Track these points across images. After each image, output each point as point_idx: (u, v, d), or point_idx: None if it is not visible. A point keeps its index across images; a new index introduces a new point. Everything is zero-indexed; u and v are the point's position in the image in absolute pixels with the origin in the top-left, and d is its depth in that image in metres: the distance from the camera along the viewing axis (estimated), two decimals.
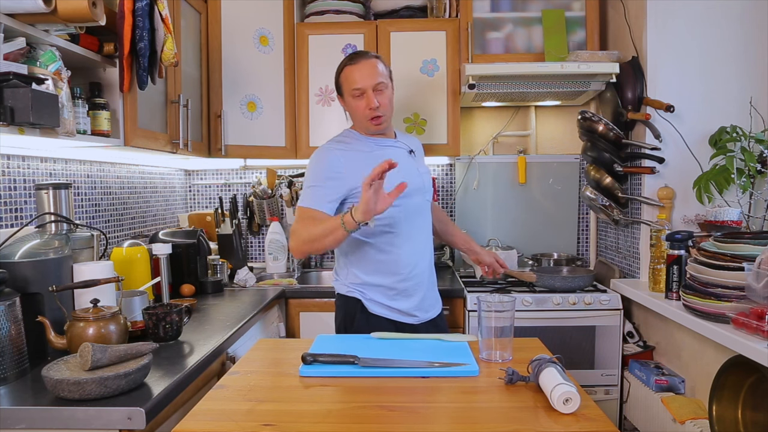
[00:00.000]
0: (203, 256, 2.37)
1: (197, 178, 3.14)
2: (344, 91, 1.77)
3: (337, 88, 1.81)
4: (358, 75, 1.72)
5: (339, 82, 1.78)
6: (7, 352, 1.28)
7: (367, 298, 1.78)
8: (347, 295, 1.80)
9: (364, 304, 1.78)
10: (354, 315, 1.78)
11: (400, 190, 1.46)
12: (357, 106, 1.74)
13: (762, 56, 2.25)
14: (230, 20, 2.57)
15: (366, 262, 1.77)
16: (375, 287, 1.77)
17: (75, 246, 1.63)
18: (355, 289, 1.79)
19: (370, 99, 1.72)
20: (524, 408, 1.10)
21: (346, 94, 1.77)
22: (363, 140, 1.80)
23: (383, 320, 1.77)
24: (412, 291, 1.79)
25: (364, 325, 1.74)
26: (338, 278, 1.85)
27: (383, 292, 1.77)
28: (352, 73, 1.73)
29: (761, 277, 1.48)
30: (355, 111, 1.76)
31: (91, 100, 1.72)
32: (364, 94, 1.73)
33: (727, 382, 1.66)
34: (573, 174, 2.98)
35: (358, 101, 1.74)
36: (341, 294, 1.83)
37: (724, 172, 2.07)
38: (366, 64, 1.74)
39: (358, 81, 1.72)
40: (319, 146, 1.81)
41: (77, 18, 1.45)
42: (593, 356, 2.35)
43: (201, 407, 1.12)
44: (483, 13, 2.66)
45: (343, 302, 1.83)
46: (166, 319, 1.59)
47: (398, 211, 1.72)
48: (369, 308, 1.77)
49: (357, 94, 1.73)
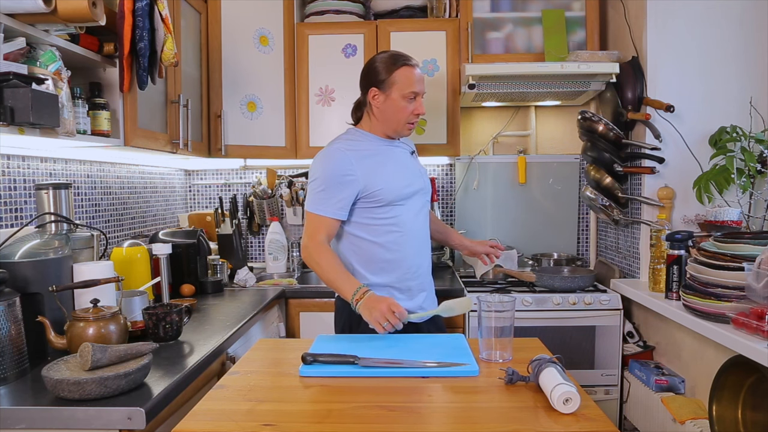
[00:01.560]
0: (203, 256, 2.37)
1: (197, 178, 3.14)
2: (395, 89, 1.70)
3: (382, 83, 1.71)
4: (416, 79, 1.71)
5: (392, 78, 1.69)
6: (7, 352, 1.28)
7: None
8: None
9: None
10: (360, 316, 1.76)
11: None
12: (404, 107, 1.71)
13: (762, 56, 2.25)
14: (230, 20, 2.57)
15: (373, 262, 1.74)
16: (382, 287, 1.74)
17: (75, 246, 1.63)
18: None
19: (419, 105, 1.72)
20: (524, 408, 1.10)
21: (395, 93, 1.70)
22: (372, 140, 1.78)
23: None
24: (416, 290, 1.79)
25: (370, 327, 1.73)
26: None
27: (389, 292, 1.74)
28: (412, 74, 1.70)
29: (761, 277, 1.48)
30: (398, 112, 1.72)
31: (91, 100, 1.72)
32: (415, 99, 1.72)
33: (727, 382, 1.66)
34: (573, 174, 2.98)
35: (408, 103, 1.71)
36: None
37: (724, 172, 2.07)
38: (419, 70, 1.74)
39: (415, 85, 1.70)
40: (326, 146, 1.76)
41: (77, 18, 1.45)
42: (593, 356, 2.35)
43: (201, 407, 1.12)
44: (483, 13, 2.66)
45: (346, 303, 1.79)
46: (166, 319, 1.59)
47: (404, 210, 1.73)
48: None
49: (411, 96, 1.71)
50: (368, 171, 1.67)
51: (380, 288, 1.74)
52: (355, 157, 1.69)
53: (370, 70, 1.75)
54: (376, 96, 1.73)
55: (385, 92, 1.71)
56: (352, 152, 1.71)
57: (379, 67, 1.72)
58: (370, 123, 1.79)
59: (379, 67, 1.72)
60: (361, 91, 1.79)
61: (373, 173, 1.69)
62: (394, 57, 1.72)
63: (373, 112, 1.75)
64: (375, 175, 1.69)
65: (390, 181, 1.71)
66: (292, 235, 3.09)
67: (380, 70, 1.71)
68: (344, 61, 2.72)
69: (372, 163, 1.70)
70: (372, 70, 1.73)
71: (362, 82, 1.78)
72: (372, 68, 1.74)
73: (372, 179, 1.68)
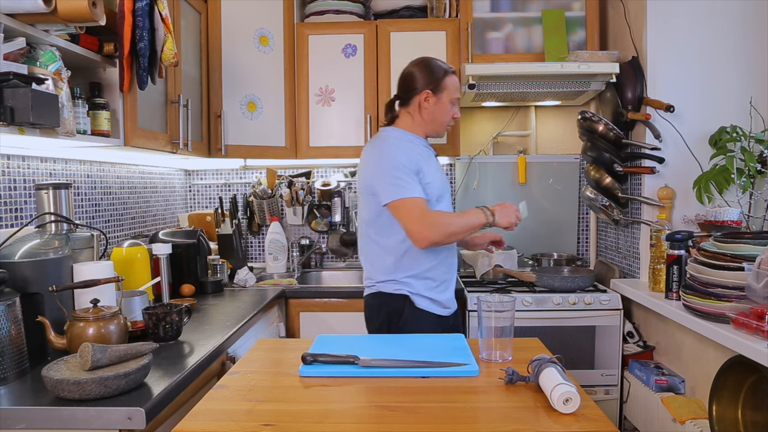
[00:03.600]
0: (203, 256, 2.37)
1: (197, 178, 3.14)
2: (445, 93, 1.85)
3: (437, 86, 1.85)
4: (459, 86, 1.93)
5: (444, 84, 1.85)
6: (7, 352, 1.28)
7: (415, 293, 1.81)
8: (394, 293, 1.81)
9: (411, 300, 1.80)
10: (401, 312, 1.80)
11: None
12: (448, 111, 1.88)
13: (762, 56, 2.25)
14: (230, 20, 2.57)
15: (425, 254, 1.80)
16: (424, 280, 1.81)
17: (75, 246, 1.63)
18: (403, 285, 1.81)
19: (458, 111, 1.92)
20: (524, 408, 1.10)
21: (445, 98, 1.85)
22: (415, 140, 1.88)
23: (427, 314, 1.82)
24: (449, 282, 1.90)
25: (411, 321, 1.79)
26: (382, 278, 1.84)
27: (430, 285, 1.82)
28: (457, 82, 1.90)
29: (761, 277, 1.48)
30: (443, 114, 1.87)
31: (91, 100, 1.72)
32: (455, 104, 1.90)
33: (727, 382, 1.66)
34: (573, 174, 2.98)
35: (451, 108, 1.88)
36: (386, 293, 1.82)
37: (724, 172, 2.07)
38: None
39: (457, 93, 1.90)
40: (380, 141, 1.84)
41: (77, 18, 1.45)
42: (593, 356, 2.35)
43: (201, 407, 1.12)
44: (483, 13, 2.66)
45: (385, 301, 1.83)
46: (166, 319, 1.59)
47: (444, 206, 1.87)
48: (416, 303, 1.81)
49: (455, 102, 1.89)
50: (421, 163, 1.79)
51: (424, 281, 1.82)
52: (413, 150, 1.80)
53: (424, 73, 1.86)
54: (428, 98, 1.85)
55: (436, 95, 1.85)
56: (411, 144, 1.83)
57: (434, 72, 1.86)
58: (412, 123, 1.89)
59: (434, 72, 1.86)
60: (405, 93, 1.89)
61: (425, 166, 1.80)
62: (443, 65, 1.89)
63: (421, 113, 1.87)
64: (425, 168, 1.80)
65: (434, 177, 1.82)
66: (292, 235, 3.09)
67: (435, 75, 1.85)
68: (344, 61, 2.73)
69: (420, 158, 1.80)
70: (427, 74, 1.86)
71: (409, 85, 1.87)
72: (427, 72, 1.86)
73: (425, 171, 1.79)
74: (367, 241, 1.85)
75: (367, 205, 1.82)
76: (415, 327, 1.77)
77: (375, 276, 1.85)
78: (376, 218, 1.79)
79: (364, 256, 1.89)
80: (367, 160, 1.82)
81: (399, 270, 1.80)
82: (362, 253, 1.90)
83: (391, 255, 1.81)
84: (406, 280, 1.81)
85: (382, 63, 2.71)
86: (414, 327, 1.77)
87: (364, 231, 1.87)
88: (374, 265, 1.85)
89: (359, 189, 1.86)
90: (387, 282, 1.82)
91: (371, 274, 1.87)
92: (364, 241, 1.87)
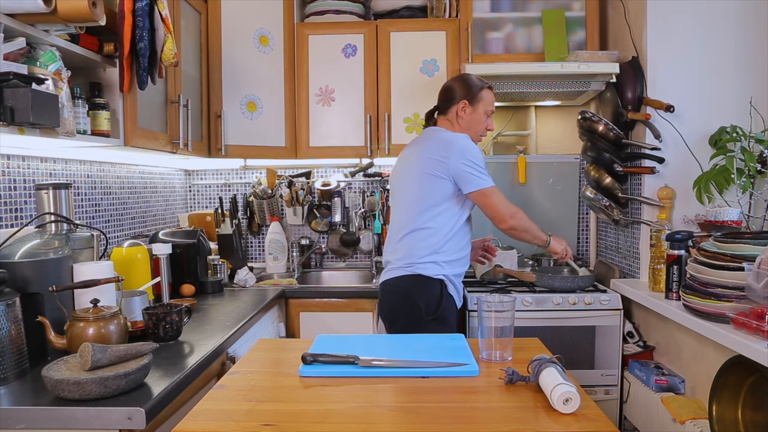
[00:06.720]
0: (203, 256, 2.37)
1: (197, 178, 3.14)
2: (481, 105, 2.02)
3: (474, 98, 2.01)
4: (493, 101, 2.07)
5: (479, 96, 2.01)
6: (7, 352, 1.28)
7: (450, 280, 1.93)
8: (434, 278, 1.90)
9: (446, 285, 1.92)
10: (440, 297, 1.90)
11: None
12: (483, 121, 2.04)
13: (762, 56, 2.25)
14: (230, 20, 2.57)
15: (460, 239, 1.95)
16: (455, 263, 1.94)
17: (75, 246, 1.63)
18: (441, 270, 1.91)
19: (492, 123, 2.08)
20: (524, 408, 1.10)
21: (480, 108, 2.02)
22: None
23: (453, 302, 1.95)
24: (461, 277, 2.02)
25: (447, 306, 1.90)
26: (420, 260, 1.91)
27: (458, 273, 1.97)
28: (493, 97, 2.06)
29: (761, 277, 1.48)
30: (479, 124, 2.04)
31: (91, 100, 1.72)
32: (489, 117, 2.06)
33: (727, 382, 1.66)
34: (573, 174, 2.98)
35: (486, 119, 2.05)
36: (426, 276, 1.90)
37: (724, 172, 2.07)
38: None
39: (492, 106, 2.05)
40: (457, 138, 1.93)
41: (77, 18, 1.45)
42: (593, 356, 2.35)
43: (201, 407, 1.12)
44: (483, 13, 2.66)
45: (424, 284, 1.90)
46: (166, 319, 1.59)
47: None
48: (449, 289, 1.93)
49: (489, 114, 2.05)
50: None
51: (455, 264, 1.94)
52: None
53: (462, 86, 2.02)
54: (464, 107, 2.01)
55: (472, 105, 2.01)
56: None
57: (471, 85, 2.02)
58: (452, 129, 2.02)
59: (472, 85, 2.02)
60: (444, 103, 2.05)
61: None
62: (480, 81, 2.04)
63: (458, 121, 2.02)
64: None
65: None
66: (292, 235, 3.09)
67: (472, 88, 2.01)
68: (344, 61, 2.73)
69: None
70: (465, 87, 2.02)
71: (448, 95, 2.04)
72: (465, 85, 2.02)
73: None
74: (408, 222, 1.93)
75: (427, 186, 1.90)
76: (448, 313, 1.90)
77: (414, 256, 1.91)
78: (440, 201, 1.90)
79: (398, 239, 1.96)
80: (436, 147, 1.91)
81: (442, 252, 1.91)
82: (396, 236, 1.97)
83: (437, 236, 1.91)
84: (446, 261, 1.91)
85: (382, 63, 2.72)
86: (448, 313, 1.90)
87: (404, 213, 1.95)
88: (415, 246, 1.91)
89: (414, 173, 1.94)
90: (427, 264, 1.90)
91: (408, 255, 1.92)
92: (404, 223, 1.95)
